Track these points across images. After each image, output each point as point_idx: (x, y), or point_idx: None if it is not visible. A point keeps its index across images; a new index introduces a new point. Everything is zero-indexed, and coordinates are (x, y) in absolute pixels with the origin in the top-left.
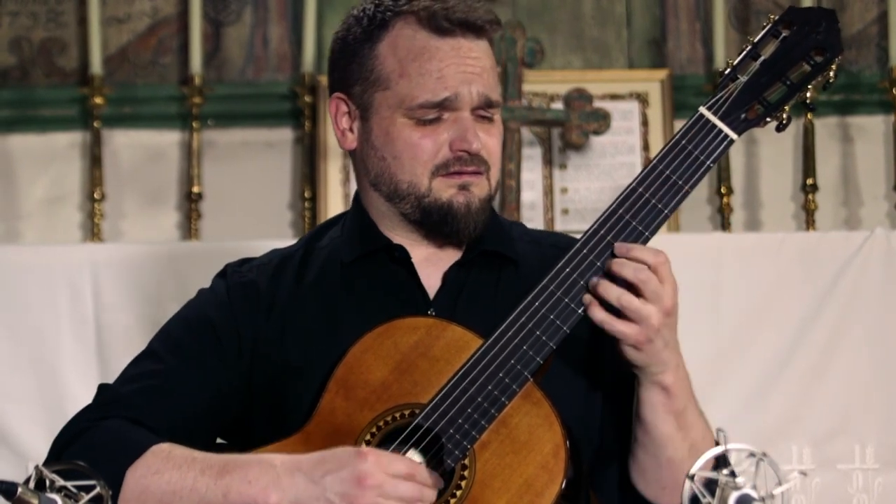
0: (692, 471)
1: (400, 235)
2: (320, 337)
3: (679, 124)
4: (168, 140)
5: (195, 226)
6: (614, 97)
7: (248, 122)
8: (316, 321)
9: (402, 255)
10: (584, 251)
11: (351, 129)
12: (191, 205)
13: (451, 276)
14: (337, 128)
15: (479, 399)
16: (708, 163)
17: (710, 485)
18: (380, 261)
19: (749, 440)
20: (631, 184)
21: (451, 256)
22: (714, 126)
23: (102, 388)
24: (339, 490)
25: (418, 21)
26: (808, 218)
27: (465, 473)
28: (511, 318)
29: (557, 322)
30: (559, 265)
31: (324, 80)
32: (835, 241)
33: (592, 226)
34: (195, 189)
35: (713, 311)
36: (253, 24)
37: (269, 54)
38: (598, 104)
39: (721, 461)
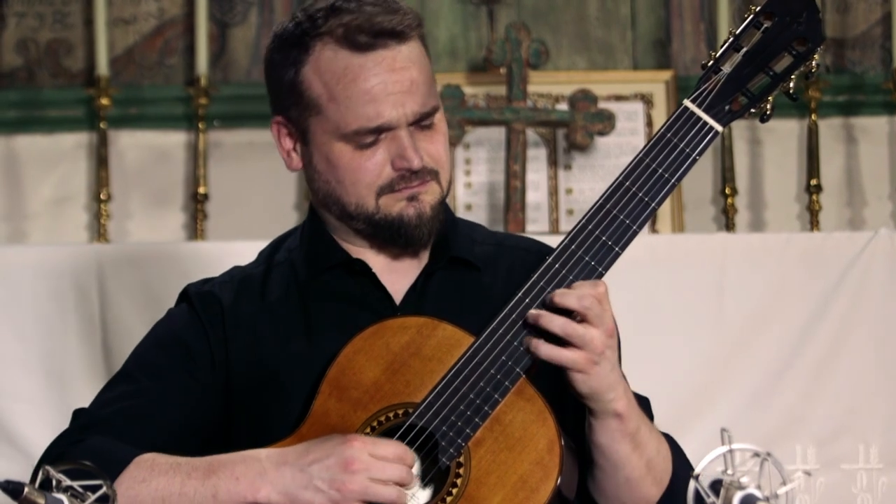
0: (696, 470)
1: (358, 246)
2: (295, 349)
3: None
4: (174, 141)
5: (201, 226)
6: (619, 98)
7: (253, 123)
8: (289, 333)
9: (361, 269)
10: (573, 247)
11: (295, 150)
12: (197, 205)
13: (417, 285)
14: (281, 149)
15: (472, 396)
16: (693, 155)
17: (715, 484)
18: (341, 273)
19: (753, 440)
20: (618, 178)
21: (414, 264)
22: (699, 118)
23: (78, 413)
24: (327, 477)
25: (336, 41)
26: (813, 218)
27: (461, 471)
28: (502, 315)
29: None
30: (548, 261)
31: None
32: (839, 241)
33: (580, 221)
34: (201, 190)
35: (717, 312)
36: (259, 25)
37: None
38: (602, 105)
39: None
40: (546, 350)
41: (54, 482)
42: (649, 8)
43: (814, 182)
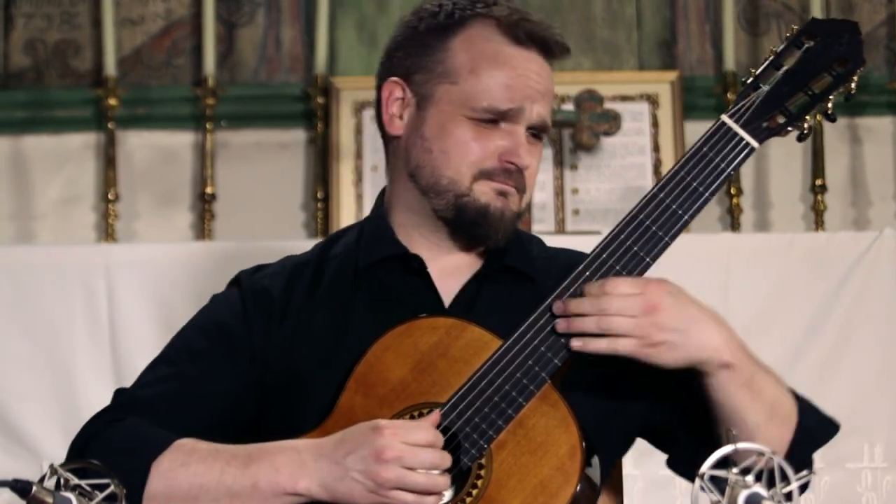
0: (702, 469)
1: (423, 237)
2: (329, 345)
3: (689, 125)
4: (181, 141)
5: (208, 226)
6: (624, 98)
7: (260, 124)
8: (326, 329)
9: (418, 266)
10: (604, 256)
11: (400, 116)
12: (204, 205)
13: (468, 288)
14: (385, 111)
15: (497, 399)
16: (728, 170)
17: (720, 483)
18: (395, 269)
19: None
20: (652, 189)
21: (467, 267)
22: (735, 134)
23: (119, 392)
24: (361, 468)
25: (497, 25)
26: (817, 218)
27: (482, 473)
28: (530, 319)
29: None
30: (579, 269)
31: (336, 81)
32: (843, 241)
33: (613, 231)
34: (208, 190)
35: (722, 311)
36: (266, 26)
37: (281, 56)
38: (608, 105)
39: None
40: (598, 345)
41: (63, 481)
42: (655, 8)
43: (819, 182)
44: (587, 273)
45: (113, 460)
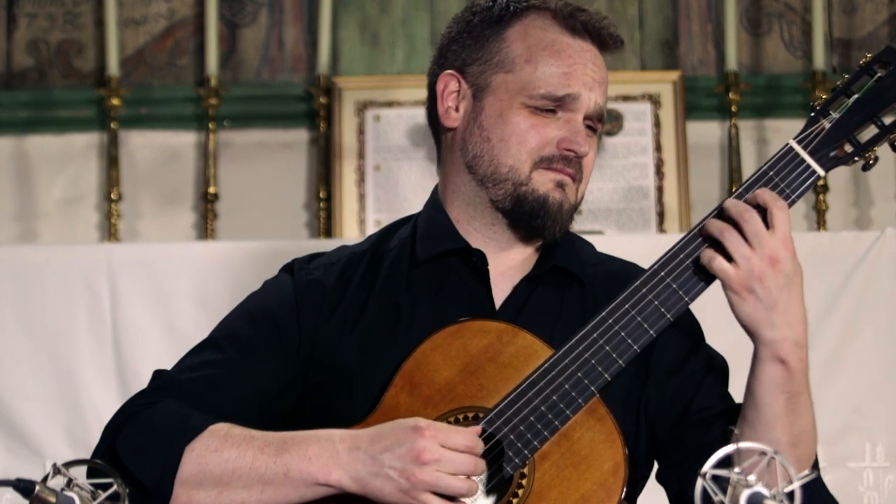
0: (704, 468)
1: (478, 232)
2: (378, 340)
3: (691, 125)
4: (184, 141)
5: (211, 226)
6: (627, 98)
7: (263, 123)
8: (376, 324)
9: (479, 261)
10: (662, 273)
11: (456, 109)
12: (207, 205)
13: (519, 290)
14: (441, 104)
15: (544, 409)
16: (793, 197)
17: (722, 482)
18: (453, 264)
19: None
20: (716, 208)
21: (518, 267)
22: (802, 160)
23: (158, 374)
24: (398, 466)
25: (553, 16)
26: (819, 218)
27: (523, 482)
28: (583, 332)
29: (629, 341)
30: (636, 284)
31: (339, 81)
32: (845, 240)
33: (672, 248)
34: (211, 189)
35: (723, 311)
36: (268, 26)
37: (284, 56)
38: (610, 105)
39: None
40: (705, 254)
41: (66, 480)
42: (657, 8)
43: (820, 182)
44: (643, 290)
45: (147, 443)
